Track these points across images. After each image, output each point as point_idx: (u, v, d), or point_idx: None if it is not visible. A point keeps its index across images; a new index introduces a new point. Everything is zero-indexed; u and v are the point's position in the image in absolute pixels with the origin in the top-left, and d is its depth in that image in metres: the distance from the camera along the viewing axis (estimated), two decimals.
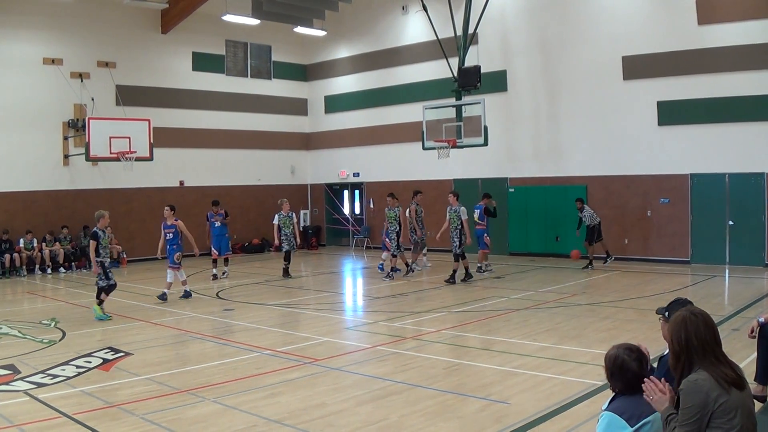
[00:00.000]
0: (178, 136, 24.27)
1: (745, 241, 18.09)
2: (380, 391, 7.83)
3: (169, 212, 15.16)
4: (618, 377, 3.80)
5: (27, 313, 13.81)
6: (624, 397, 3.79)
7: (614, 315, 12.07)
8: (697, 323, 3.71)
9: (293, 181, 28.23)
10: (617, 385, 3.83)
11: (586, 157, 20.81)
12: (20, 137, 20.65)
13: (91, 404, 7.43)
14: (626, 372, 3.78)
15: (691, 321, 3.71)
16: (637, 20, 19.55)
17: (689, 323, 3.71)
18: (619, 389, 3.82)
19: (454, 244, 16.75)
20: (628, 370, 3.78)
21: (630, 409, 3.69)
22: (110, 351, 10.01)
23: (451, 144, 19.78)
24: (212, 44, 25.58)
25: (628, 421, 3.62)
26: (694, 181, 18.88)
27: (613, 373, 3.81)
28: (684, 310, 3.84)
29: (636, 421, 3.63)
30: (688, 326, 3.70)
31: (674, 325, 3.76)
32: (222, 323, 12.44)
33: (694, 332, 3.68)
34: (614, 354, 3.85)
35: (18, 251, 20.09)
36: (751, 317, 9.27)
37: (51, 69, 21.27)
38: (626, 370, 3.78)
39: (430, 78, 23.94)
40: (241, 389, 7.97)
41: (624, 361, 3.79)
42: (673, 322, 3.79)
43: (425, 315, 12.80)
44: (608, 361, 3.87)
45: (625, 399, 3.77)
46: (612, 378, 3.83)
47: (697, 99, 18.55)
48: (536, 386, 7.86)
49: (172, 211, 15.19)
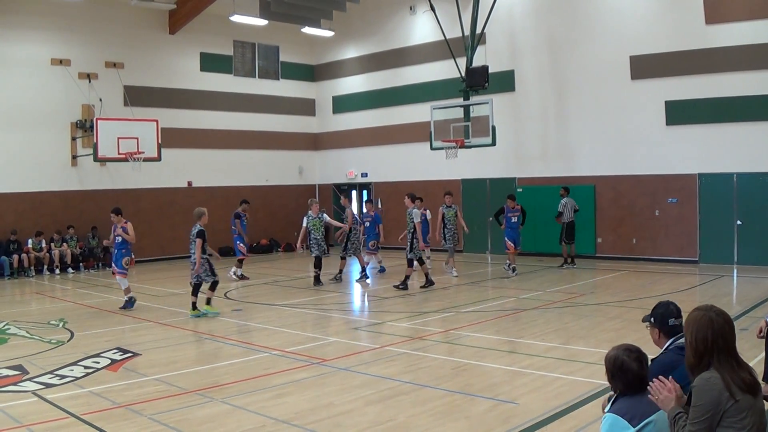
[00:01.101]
0: (186, 136, 24.31)
1: (753, 241, 18.01)
2: (388, 392, 7.83)
3: (116, 217, 14.28)
4: (618, 378, 3.80)
5: (35, 314, 13.85)
6: (625, 397, 3.79)
7: (622, 315, 12.04)
8: (722, 324, 3.70)
9: (301, 182, 28.24)
10: (618, 385, 3.83)
11: (593, 157, 20.77)
12: (28, 138, 20.72)
13: (100, 405, 7.45)
14: (627, 372, 3.78)
15: (717, 322, 3.69)
16: (645, 20, 19.50)
17: (716, 324, 3.68)
18: (620, 390, 3.82)
19: (406, 249, 16.00)
20: (628, 371, 3.78)
21: (632, 409, 3.69)
22: (118, 351, 10.03)
23: (459, 144, 19.78)
24: (220, 45, 25.62)
25: (630, 421, 3.63)
26: (702, 180, 18.81)
27: (613, 374, 3.82)
28: (704, 309, 3.79)
29: (638, 421, 3.63)
30: (715, 327, 3.67)
31: (697, 324, 3.72)
32: (230, 324, 12.45)
33: (720, 333, 3.67)
34: (614, 355, 3.86)
35: (26, 252, 20.16)
36: (760, 317, 9.25)
37: (59, 70, 21.34)
38: (626, 370, 3.78)
39: (437, 78, 23.94)
40: (249, 389, 7.98)
41: (624, 361, 3.80)
42: (696, 322, 3.74)
43: (433, 315, 12.80)
44: (608, 362, 3.87)
45: (627, 400, 3.77)
46: (613, 379, 3.83)
47: (705, 99, 18.49)
48: (544, 386, 7.84)
49: (118, 215, 14.32)
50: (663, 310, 4.57)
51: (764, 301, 13.07)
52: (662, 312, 4.56)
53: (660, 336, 4.56)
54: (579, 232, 19.55)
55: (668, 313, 4.51)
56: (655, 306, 4.66)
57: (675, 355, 4.30)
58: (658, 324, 4.55)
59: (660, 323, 4.53)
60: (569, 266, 19.08)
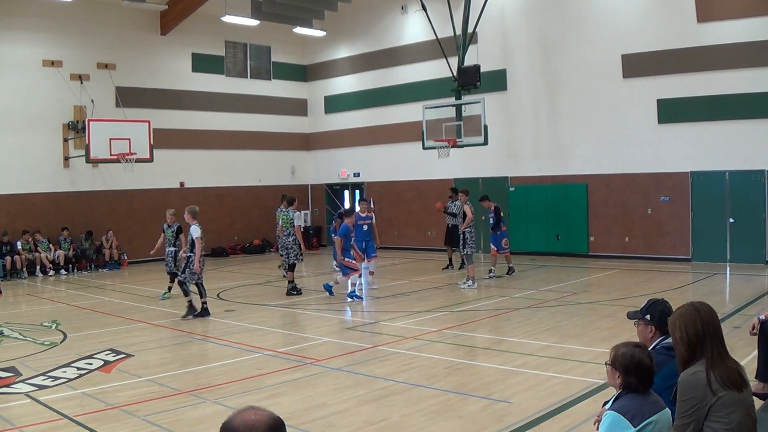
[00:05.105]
0: (179, 137, 24.27)
1: (745, 239, 18.08)
2: (381, 391, 7.83)
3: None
4: (634, 374, 3.78)
5: (28, 316, 13.79)
6: (629, 395, 3.78)
7: (615, 313, 12.05)
8: (709, 311, 3.77)
9: (294, 182, 28.19)
10: (632, 381, 3.80)
11: (586, 156, 20.81)
12: (20, 139, 20.64)
13: (93, 406, 7.43)
14: (643, 368, 3.77)
15: (703, 310, 3.76)
16: (637, 18, 19.55)
17: (702, 312, 3.74)
18: (634, 385, 3.80)
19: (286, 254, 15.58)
20: (644, 367, 3.78)
21: (634, 408, 3.69)
22: (111, 353, 10.01)
23: (451, 143, 19.77)
24: (212, 45, 25.57)
25: (631, 420, 3.62)
26: (695, 178, 18.87)
27: (629, 370, 3.78)
28: (686, 305, 3.86)
29: (639, 420, 3.63)
30: (703, 315, 3.73)
31: (685, 318, 3.77)
32: (223, 324, 12.43)
33: (709, 320, 3.72)
34: (630, 353, 3.83)
35: (18, 253, 20.09)
36: (752, 315, 9.26)
37: (51, 71, 21.26)
38: (643, 366, 3.77)
39: (429, 77, 23.94)
40: (242, 390, 7.97)
41: (640, 358, 3.79)
42: (683, 316, 3.79)
43: (426, 314, 12.79)
44: (623, 359, 3.81)
45: (630, 398, 3.77)
46: (627, 375, 3.79)
47: (697, 97, 18.54)
48: (537, 385, 7.86)
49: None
50: (662, 307, 4.59)
51: (757, 298, 13.13)
52: (661, 309, 4.57)
53: (654, 334, 4.57)
54: (572, 230, 19.56)
55: (667, 311, 4.53)
56: (651, 303, 4.66)
57: (660, 355, 4.31)
58: (656, 322, 4.55)
59: (659, 321, 4.54)
60: (450, 269, 18.98)
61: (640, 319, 4.64)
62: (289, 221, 15.74)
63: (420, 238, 24.77)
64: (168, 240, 15.32)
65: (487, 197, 17.84)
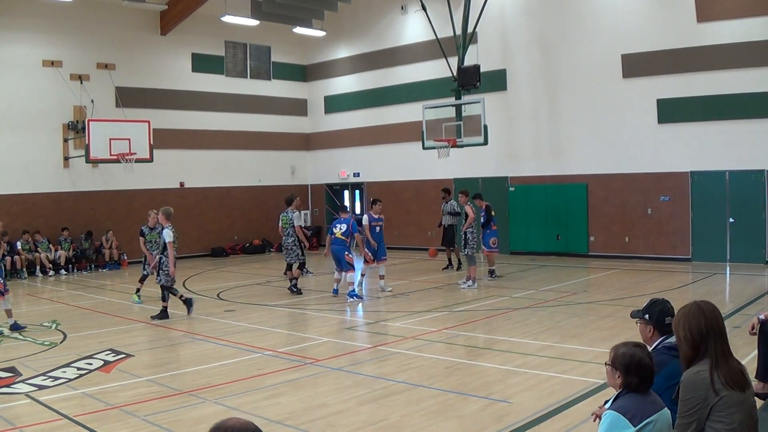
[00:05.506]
0: (178, 137, 24.27)
1: (745, 239, 18.09)
2: (381, 391, 7.83)
3: None
4: (635, 374, 3.77)
5: (28, 316, 13.77)
6: (630, 395, 3.78)
7: (615, 313, 12.06)
8: (712, 309, 3.78)
9: (293, 182, 28.19)
10: (633, 381, 3.79)
11: (586, 156, 20.81)
12: (20, 140, 20.64)
13: (93, 406, 7.42)
14: (643, 368, 3.77)
15: (707, 309, 3.76)
16: (637, 18, 19.56)
17: (706, 311, 3.75)
18: (634, 385, 3.80)
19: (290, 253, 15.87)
20: (645, 367, 3.78)
21: (633, 408, 3.69)
22: (111, 353, 10.01)
23: (451, 143, 19.77)
24: (212, 45, 25.57)
25: (631, 420, 3.62)
26: (695, 178, 18.87)
27: (630, 370, 3.78)
28: (689, 304, 3.86)
29: (639, 420, 3.63)
30: (707, 314, 3.74)
31: (688, 317, 3.77)
32: (223, 324, 12.42)
33: (713, 318, 3.72)
34: (630, 352, 3.83)
35: (18, 254, 20.08)
36: (752, 314, 9.25)
37: (50, 71, 21.27)
38: (643, 366, 3.77)
39: (429, 77, 23.94)
40: (242, 390, 7.97)
41: (641, 358, 3.79)
42: (687, 315, 3.80)
43: (426, 314, 12.79)
44: (624, 359, 3.81)
45: (630, 397, 3.77)
46: (628, 375, 3.79)
47: (697, 96, 18.54)
48: (537, 385, 7.86)
49: None
50: (661, 307, 4.59)
51: (757, 298, 13.13)
52: (660, 309, 4.58)
53: (653, 333, 4.57)
54: (572, 230, 19.56)
55: (666, 311, 4.53)
56: (651, 303, 4.67)
57: (662, 355, 4.31)
58: (654, 321, 4.56)
59: (657, 321, 4.55)
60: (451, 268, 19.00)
61: (640, 318, 4.66)
62: (288, 222, 15.77)
63: (420, 238, 24.75)
64: (148, 243, 15.03)
65: (480, 195, 17.80)
